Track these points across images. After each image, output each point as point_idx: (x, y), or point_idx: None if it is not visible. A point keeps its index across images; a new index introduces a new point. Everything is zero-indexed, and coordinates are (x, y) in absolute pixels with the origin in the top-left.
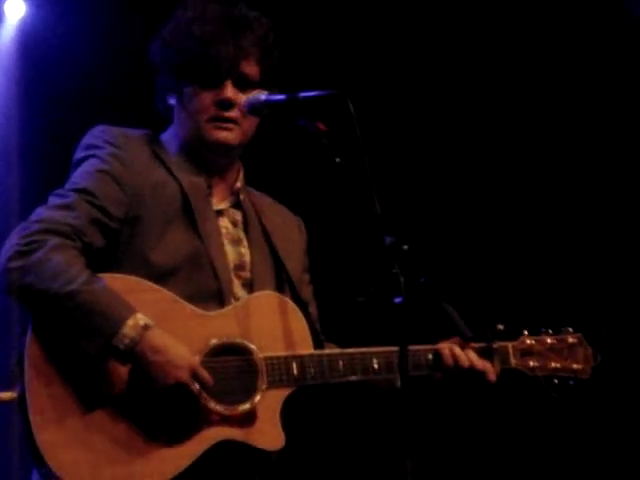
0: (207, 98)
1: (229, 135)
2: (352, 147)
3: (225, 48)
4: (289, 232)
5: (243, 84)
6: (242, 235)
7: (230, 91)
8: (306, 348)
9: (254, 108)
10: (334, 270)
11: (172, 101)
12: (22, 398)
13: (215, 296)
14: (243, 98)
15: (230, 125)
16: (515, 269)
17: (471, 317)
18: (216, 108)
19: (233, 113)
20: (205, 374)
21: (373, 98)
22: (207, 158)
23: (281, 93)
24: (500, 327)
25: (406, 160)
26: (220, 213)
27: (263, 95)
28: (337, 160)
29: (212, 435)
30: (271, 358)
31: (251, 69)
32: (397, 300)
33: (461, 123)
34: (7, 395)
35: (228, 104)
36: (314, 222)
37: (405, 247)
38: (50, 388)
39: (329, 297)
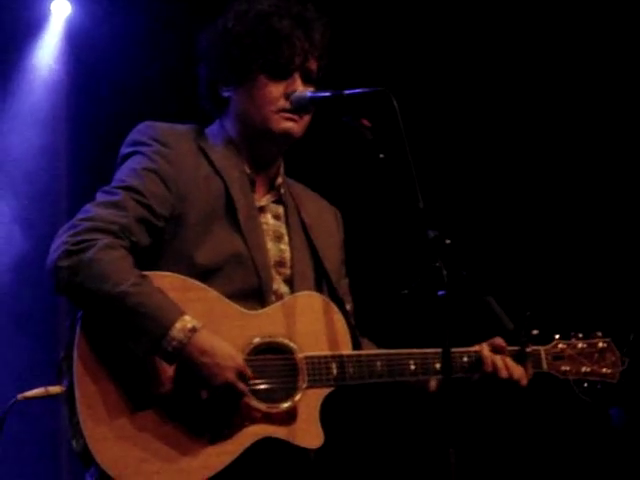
0: (277, 90)
1: (295, 126)
2: (396, 143)
3: (300, 43)
4: (327, 224)
5: (307, 79)
6: (284, 230)
7: (299, 84)
8: (345, 348)
9: (300, 105)
10: (378, 263)
11: (227, 94)
12: (70, 392)
13: (256, 294)
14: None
15: (296, 117)
16: (550, 267)
17: (512, 310)
18: (285, 100)
19: None
20: (250, 373)
21: (417, 94)
22: (259, 151)
23: (326, 90)
24: (534, 332)
25: (449, 155)
26: (262, 209)
27: (309, 92)
28: (381, 156)
29: (254, 432)
30: (311, 357)
31: (314, 65)
32: (440, 293)
33: (504, 118)
34: (56, 389)
35: None
36: (359, 217)
37: (448, 241)
38: (98, 384)
39: (372, 290)
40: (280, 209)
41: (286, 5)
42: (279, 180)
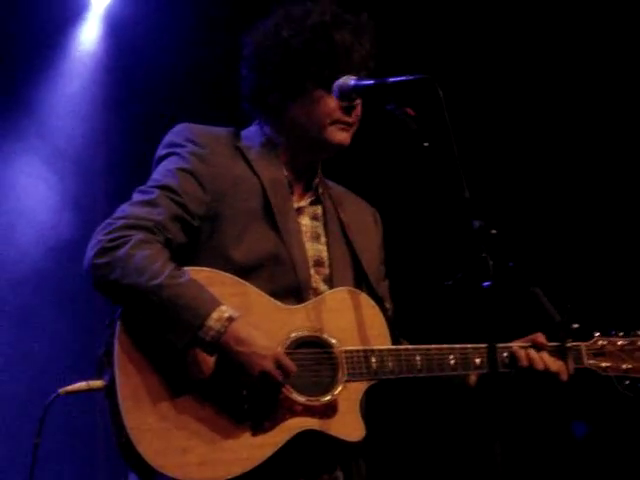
0: (333, 102)
1: (348, 137)
2: (441, 131)
3: (357, 55)
4: (365, 225)
5: None
6: (321, 231)
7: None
8: (384, 343)
9: (343, 93)
10: (422, 254)
11: (275, 101)
12: (111, 386)
13: (294, 292)
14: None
15: (349, 128)
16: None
17: (559, 301)
18: (342, 112)
19: (354, 117)
20: (289, 362)
21: (461, 82)
22: (304, 158)
23: (370, 78)
24: (575, 326)
25: (495, 144)
26: (300, 210)
27: (352, 80)
28: (426, 145)
29: (295, 425)
30: (351, 351)
31: (365, 73)
32: (485, 284)
33: (549, 108)
34: (97, 383)
35: (354, 110)
36: (403, 207)
37: (493, 231)
38: (139, 377)
39: (417, 281)
40: (318, 210)
41: (342, 14)
42: (316, 181)
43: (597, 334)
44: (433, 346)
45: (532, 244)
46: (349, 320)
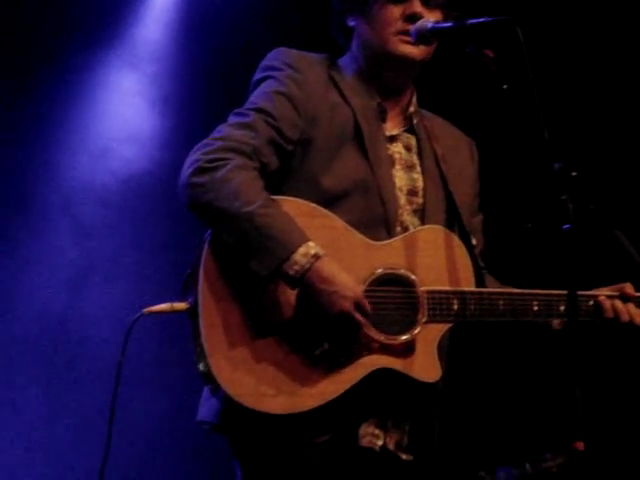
0: (395, 11)
1: (414, 50)
2: (520, 73)
3: None
4: (460, 157)
5: (426, 1)
6: (416, 160)
7: (418, 5)
8: (468, 285)
9: (421, 36)
10: (503, 197)
11: (352, 22)
12: (194, 309)
13: (382, 223)
14: (429, 15)
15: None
16: None
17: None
18: (403, 22)
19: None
20: (367, 305)
21: (540, 23)
22: (386, 78)
23: (449, 20)
24: None
25: (575, 84)
26: (393, 138)
27: (430, 22)
28: (505, 87)
29: (371, 362)
30: (433, 292)
31: None
32: (565, 227)
33: (630, 48)
34: (181, 305)
35: (416, 18)
36: (482, 149)
37: (574, 173)
38: (221, 303)
39: (496, 224)
40: (412, 139)
41: None
42: (411, 109)
43: None
44: (516, 291)
45: (613, 186)
46: (435, 260)
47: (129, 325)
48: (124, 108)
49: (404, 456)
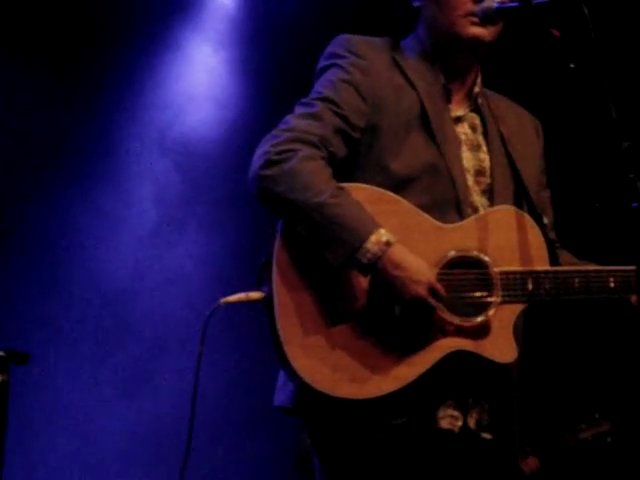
0: None
1: (483, 31)
2: (587, 52)
3: None
4: (526, 136)
5: None
6: (481, 140)
7: None
8: (542, 264)
9: (487, 16)
10: (572, 176)
11: (417, 3)
12: (269, 299)
13: (452, 204)
14: None
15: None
16: None
17: None
18: (472, 3)
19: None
20: (441, 288)
21: (607, 1)
22: (452, 59)
23: (514, 0)
24: None
25: None
26: (459, 119)
27: (496, 3)
28: (572, 66)
29: (446, 345)
30: (506, 273)
31: None
32: (634, 205)
33: None
34: (256, 295)
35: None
36: (551, 130)
37: None
38: (296, 292)
39: (566, 203)
40: (477, 119)
41: None
42: (476, 90)
43: None
44: (592, 268)
45: None
46: (508, 240)
47: (206, 316)
48: (201, 68)
49: (485, 435)
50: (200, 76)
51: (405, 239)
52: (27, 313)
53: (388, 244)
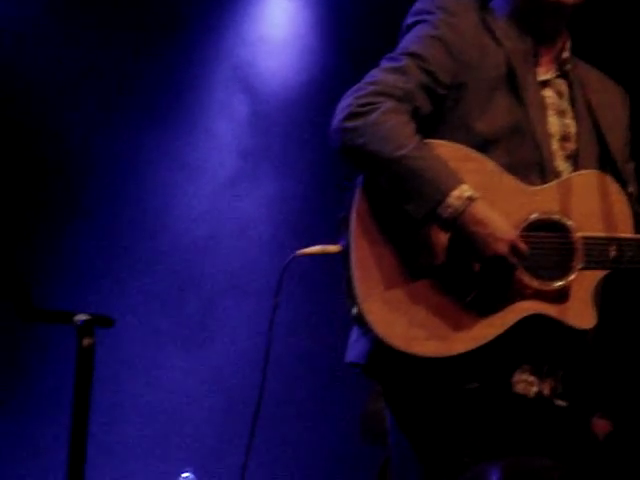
0: None
1: None
2: None
3: None
4: (613, 105)
5: None
6: (567, 106)
7: None
8: (626, 231)
9: None
10: None
11: None
12: (346, 252)
13: (535, 167)
14: None
15: None
16: None
17: None
18: None
19: None
20: (523, 246)
21: None
22: (538, 24)
23: None
24: None
25: None
26: (545, 83)
27: None
28: None
29: (524, 308)
30: (589, 238)
31: None
32: None
33: None
34: (333, 248)
35: None
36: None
37: None
38: (373, 247)
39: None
40: (564, 85)
41: None
42: (565, 55)
43: None
44: None
45: None
46: (592, 205)
47: (282, 267)
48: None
49: (559, 402)
50: (281, 21)
51: (487, 198)
52: (107, 270)
53: (470, 199)
